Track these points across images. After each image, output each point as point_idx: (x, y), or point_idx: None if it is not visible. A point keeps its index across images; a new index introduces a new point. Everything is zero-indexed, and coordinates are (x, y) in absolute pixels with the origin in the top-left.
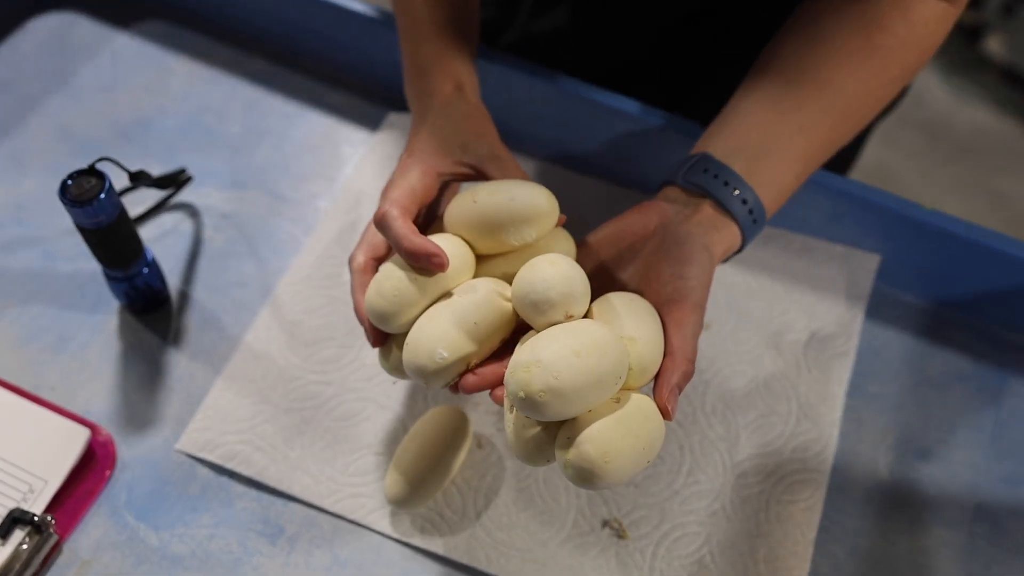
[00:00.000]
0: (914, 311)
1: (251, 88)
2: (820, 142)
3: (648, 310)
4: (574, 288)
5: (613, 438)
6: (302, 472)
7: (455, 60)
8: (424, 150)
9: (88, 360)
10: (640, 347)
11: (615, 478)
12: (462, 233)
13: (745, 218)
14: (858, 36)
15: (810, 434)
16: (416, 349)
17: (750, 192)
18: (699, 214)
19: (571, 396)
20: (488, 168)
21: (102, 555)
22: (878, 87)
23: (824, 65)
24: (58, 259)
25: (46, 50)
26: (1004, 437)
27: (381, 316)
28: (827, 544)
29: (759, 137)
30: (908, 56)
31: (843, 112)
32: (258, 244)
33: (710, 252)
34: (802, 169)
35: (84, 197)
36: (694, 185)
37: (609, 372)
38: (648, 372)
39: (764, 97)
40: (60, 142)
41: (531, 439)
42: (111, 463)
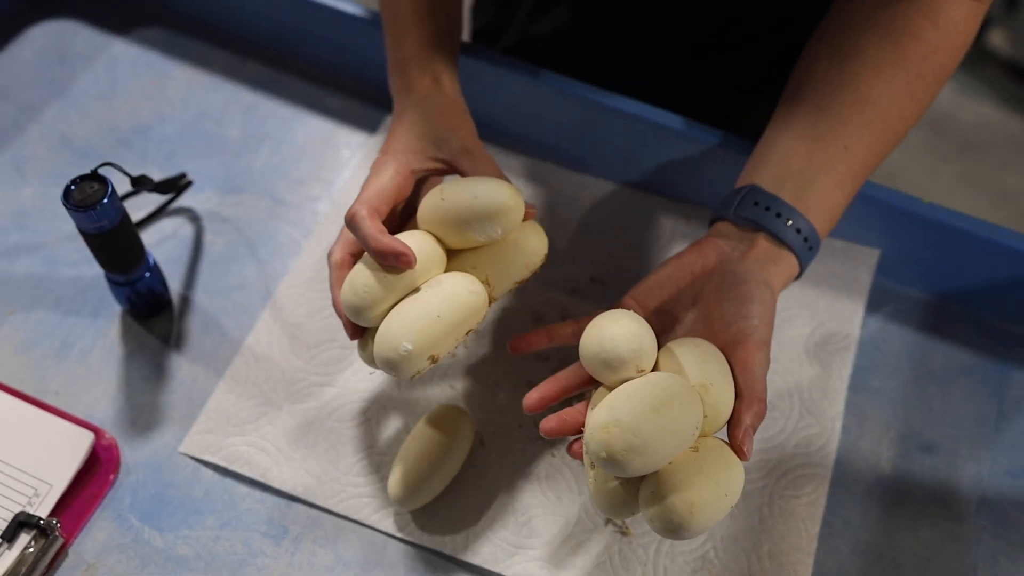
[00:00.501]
0: (915, 305)
1: (249, 93)
2: (865, 157)
3: (715, 355)
4: (643, 343)
5: (697, 490)
6: (305, 473)
7: (434, 53)
8: (398, 148)
9: (91, 365)
10: (713, 394)
11: (701, 527)
12: (432, 229)
13: (801, 247)
14: (890, 47)
15: (812, 429)
16: (384, 342)
17: (803, 220)
18: (755, 249)
19: (652, 452)
20: (460, 163)
21: (107, 558)
22: (916, 94)
23: (859, 81)
24: (60, 265)
25: (45, 58)
26: (1007, 429)
27: (355, 310)
28: (831, 539)
29: (804, 162)
30: (942, 59)
31: (884, 124)
32: (258, 247)
33: (770, 287)
34: (851, 187)
35: (87, 202)
36: (746, 219)
37: (687, 424)
38: (722, 417)
39: (803, 121)
40: (60, 149)
41: (614, 494)
42: (115, 466)
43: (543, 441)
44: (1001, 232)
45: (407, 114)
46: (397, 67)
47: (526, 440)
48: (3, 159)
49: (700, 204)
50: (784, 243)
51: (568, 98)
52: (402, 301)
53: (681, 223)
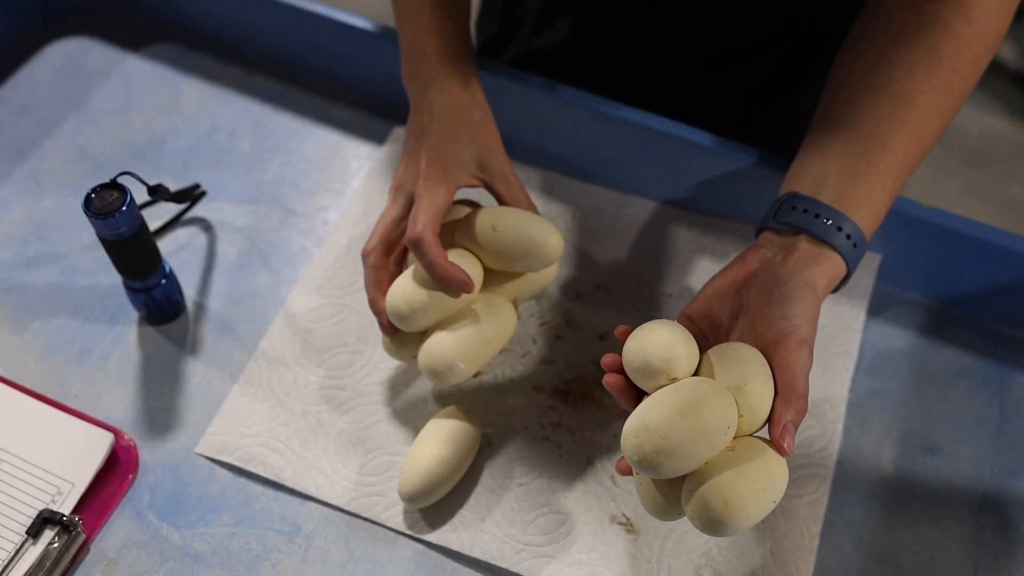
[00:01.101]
0: (915, 309)
1: (260, 106)
2: (905, 154)
3: (752, 356)
4: (675, 352)
5: (732, 486)
6: (317, 472)
7: (460, 53)
8: (448, 162)
9: (109, 370)
10: (748, 394)
11: (741, 523)
12: (477, 252)
13: (844, 245)
14: (922, 45)
15: (814, 430)
16: (437, 357)
17: (844, 219)
18: (797, 252)
19: (682, 454)
20: (498, 187)
21: (127, 554)
22: (952, 89)
23: (893, 80)
24: (79, 274)
25: (62, 74)
26: (1008, 430)
27: (401, 318)
28: (833, 537)
29: (842, 164)
30: (975, 54)
31: (921, 120)
32: (270, 256)
33: (812, 287)
34: (892, 183)
35: (106, 209)
36: (787, 225)
37: (716, 425)
38: (759, 417)
39: (839, 124)
40: (77, 162)
41: (659, 497)
42: (134, 467)
43: (548, 442)
44: (1000, 235)
45: (448, 120)
46: (417, 55)
47: (532, 442)
48: (23, 172)
49: (701, 211)
50: (826, 243)
51: (571, 108)
52: (456, 321)
53: (684, 229)
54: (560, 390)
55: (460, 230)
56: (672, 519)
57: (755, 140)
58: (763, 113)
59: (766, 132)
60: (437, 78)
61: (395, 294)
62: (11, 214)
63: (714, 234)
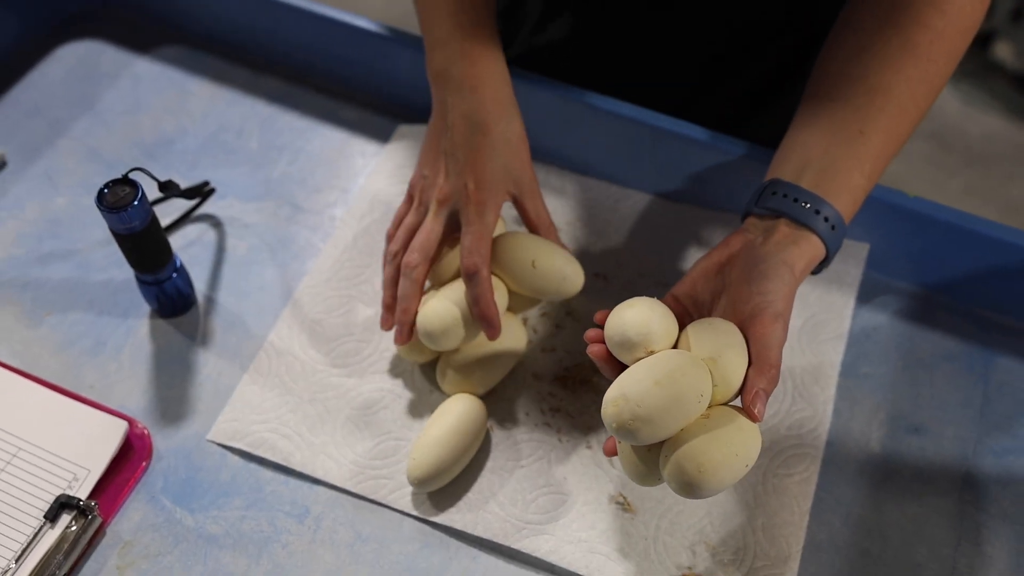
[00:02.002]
0: (903, 296)
1: (267, 106)
2: (883, 141)
3: (727, 329)
4: (652, 327)
5: (705, 451)
6: (325, 457)
7: (488, 43)
8: (493, 186)
9: (123, 361)
10: (722, 365)
11: (714, 485)
12: (507, 280)
13: (823, 227)
14: (898, 38)
15: (805, 412)
16: (462, 380)
17: (822, 203)
18: (777, 234)
19: (657, 421)
20: (527, 203)
21: (142, 536)
22: (928, 78)
23: (870, 72)
24: (92, 269)
25: (73, 76)
26: (991, 412)
27: (430, 337)
28: (823, 513)
29: (821, 151)
30: (950, 44)
31: (898, 109)
32: (278, 251)
33: (790, 266)
34: (871, 168)
35: (119, 204)
36: (768, 209)
37: (689, 393)
38: (733, 386)
39: (819, 115)
40: (89, 161)
41: (639, 464)
42: (148, 453)
43: (549, 427)
44: (982, 223)
45: (490, 132)
46: (449, 53)
47: (533, 427)
48: (36, 171)
49: (697, 204)
50: (805, 225)
51: (572, 104)
52: (487, 350)
53: (679, 222)
54: (560, 377)
55: (496, 258)
56: (652, 484)
57: (751, 137)
58: (760, 111)
59: (762, 130)
60: (468, 79)
61: (431, 317)
62: (25, 212)
63: (709, 226)
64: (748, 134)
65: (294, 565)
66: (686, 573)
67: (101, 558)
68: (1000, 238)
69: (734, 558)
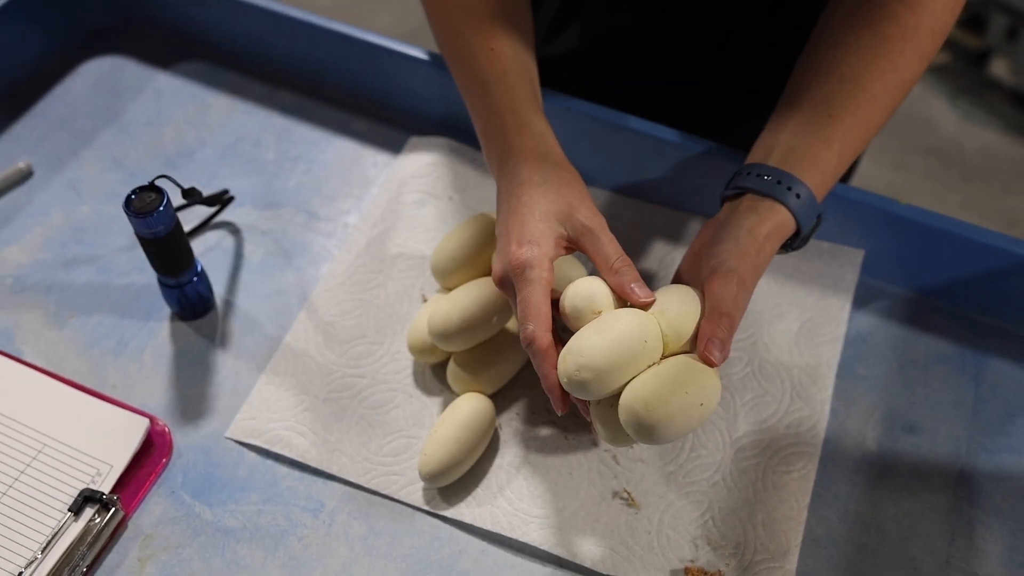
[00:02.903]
0: (897, 300)
1: (283, 119)
2: (851, 123)
3: (684, 289)
4: (594, 290)
5: (652, 388)
6: (340, 453)
7: (528, 117)
8: (536, 239)
9: (144, 362)
10: (669, 315)
11: (668, 424)
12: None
13: (787, 196)
14: (869, 31)
15: (803, 412)
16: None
17: (786, 175)
18: (741, 207)
19: (604, 369)
20: (583, 242)
21: (163, 529)
22: (898, 70)
23: (842, 62)
24: (114, 274)
25: (97, 90)
26: (984, 411)
27: (441, 337)
28: (821, 509)
29: (791, 133)
30: (919, 41)
31: (869, 96)
32: (294, 256)
33: (747, 230)
34: (840, 147)
35: (145, 209)
36: (736, 188)
37: (632, 339)
38: (683, 333)
39: (792, 104)
40: (112, 171)
41: (608, 424)
42: (168, 450)
43: (556, 425)
44: (972, 229)
45: (525, 194)
46: (494, 136)
47: (540, 424)
48: (62, 181)
49: (695, 213)
50: (768, 196)
51: (574, 116)
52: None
53: (677, 229)
54: None
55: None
56: (623, 444)
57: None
58: (760, 112)
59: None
60: (512, 151)
61: (440, 317)
62: (51, 219)
63: None
64: (750, 132)
65: (309, 557)
66: (688, 566)
67: (123, 550)
68: (990, 243)
69: (735, 552)
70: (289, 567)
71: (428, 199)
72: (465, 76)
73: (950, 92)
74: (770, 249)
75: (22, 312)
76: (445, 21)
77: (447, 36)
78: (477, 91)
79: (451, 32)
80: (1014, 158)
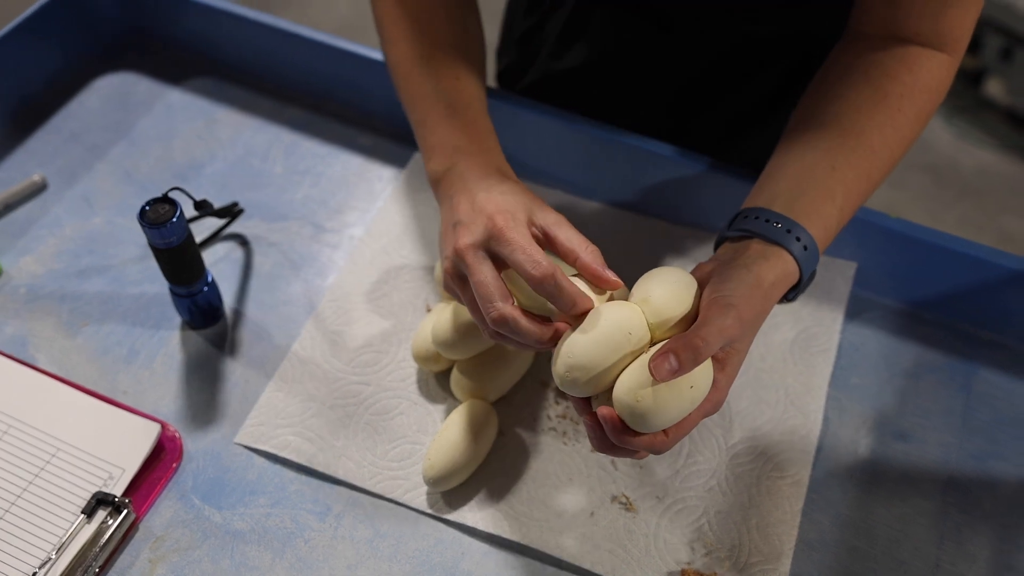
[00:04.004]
0: (889, 312)
1: (290, 133)
2: (854, 177)
3: (669, 272)
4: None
5: (639, 378)
6: (346, 459)
7: (494, 145)
8: (514, 207)
9: (155, 369)
10: (653, 303)
11: (661, 410)
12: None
13: (795, 246)
14: (870, 86)
15: (796, 419)
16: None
17: (794, 224)
18: (747, 251)
19: (590, 364)
20: (553, 232)
21: (173, 531)
22: (897, 126)
23: (843, 115)
24: (126, 284)
25: (110, 105)
26: (973, 419)
27: (445, 346)
28: (813, 513)
29: (794, 182)
30: (917, 99)
31: (868, 150)
32: (301, 267)
33: (755, 274)
34: (843, 201)
35: (159, 220)
36: (741, 231)
37: (614, 332)
38: (670, 321)
39: (793, 153)
40: (124, 184)
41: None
42: (178, 455)
43: (556, 432)
44: (961, 243)
45: (482, 189)
46: (451, 151)
47: (541, 431)
48: (75, 193)
49: (693, 225)
50: (776, 243)
51: (575, 132)
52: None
53: (675, 242)
54: None
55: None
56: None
57: (750, 151)
58: (755, 128)
59: (759, 144)
60: (472, 167)
61: (444, 326)
62: (64, 230)
63: (704, 246)
64: (746, 147)
65: (316, 559)
66: (685, 568)
67: (134, 551)
68: (979, 256)
69: (730, 554)
70: (296, 568)
71: (432, 212)
72: (425, 94)
73: (946, 111)
74: (775, 297)
75: (36, 320)
76: (408, 42)
77: (406, 53)
78: (440, 109)
79: (413, 53)
80: (1009, 176)
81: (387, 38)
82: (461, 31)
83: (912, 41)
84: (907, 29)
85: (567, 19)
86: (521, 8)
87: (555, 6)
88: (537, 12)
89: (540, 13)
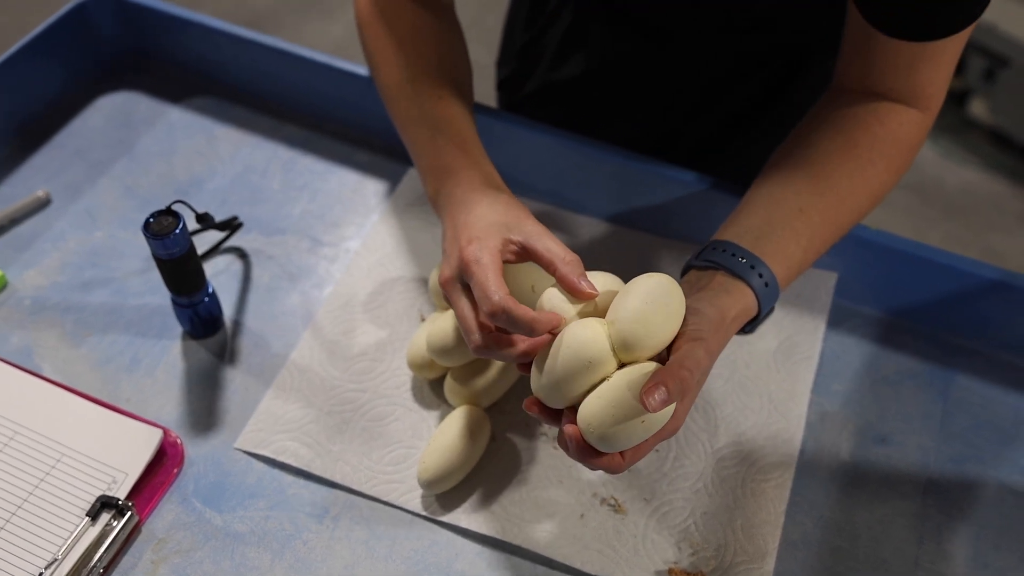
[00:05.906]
0: (869, 321)
1: (288, 151)
2: (820, 220)
3: (654, 291)
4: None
5: (593, 408)
6: (343, 463)
7: (480, 157)
8: (483, 233)
9: (157, 377)
10: (619, 326)
11: (613, 439)
12: None
13: (756, 282)
14: (840, 138)
15: (779, 424)
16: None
17: (758, 260)
18: (712, 283)
19: (554, 386)
20: (533, 245)
21: (175, 534)
22: (866, 176)
23: (815, 161)
24: (128, 295)
25: (112, 123)
26: (950, 424)
27: (439, 353)
28: (797, 515)
29: (763, 220)
30: (887, 150)
31: (836, 196)
32: (299, 280)
33: (719, 308)
34: (807, 243)
35: (163, 232)
36: (707, 262)
37: (574, 360)
38: (633, 347)
39: (765, 192)
40: (126, 199)
41: None
42: (180, 460)
43: (547, 437)
44: (939, 253)
45: (473, 209)
46: (443, 172)
47: (532, 437)
48: (79, 208)
49: (680, 238)
50: (740, 277)
51: (565, 148)
52: (490, 367)
53: (664, 255)
54: None
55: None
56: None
57: (739, 164)
58: (748, 126)
59: (750, 143)
60: (461, 184)
61: (438, 334)
62: (67, 244)
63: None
64: (740, 147)
65: (313, 560)
66: (672, 568)
67: (137, 553)
68: (954, 266)
69: (716, 554)
70: (295, 569)
71: (426, 226)
72: (412, 118)
73: (931, 131)
74: (733, 331)
75: (41, 331)
76: (394, 66)
77: (394, 78)
78: (425, 132)
79: (399, 77)
80: (993, 195)
81: (374, 64)
82: (446, 52)
83: (887, 97)
84: (882, 85)
85: (565, 32)
86: (520, 22)
87: (553, 20)
88: (536, 26)
89: (539, 27)
